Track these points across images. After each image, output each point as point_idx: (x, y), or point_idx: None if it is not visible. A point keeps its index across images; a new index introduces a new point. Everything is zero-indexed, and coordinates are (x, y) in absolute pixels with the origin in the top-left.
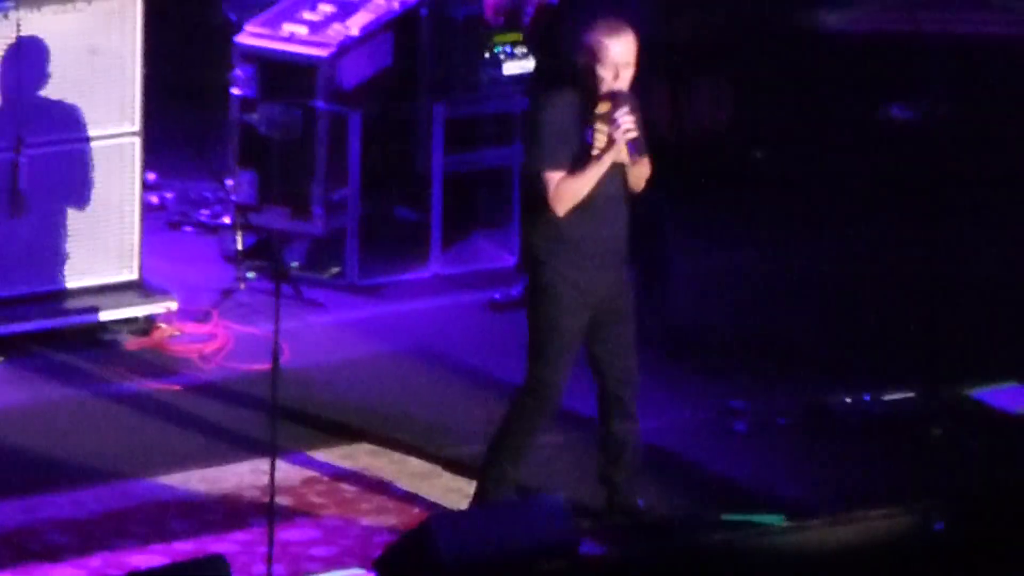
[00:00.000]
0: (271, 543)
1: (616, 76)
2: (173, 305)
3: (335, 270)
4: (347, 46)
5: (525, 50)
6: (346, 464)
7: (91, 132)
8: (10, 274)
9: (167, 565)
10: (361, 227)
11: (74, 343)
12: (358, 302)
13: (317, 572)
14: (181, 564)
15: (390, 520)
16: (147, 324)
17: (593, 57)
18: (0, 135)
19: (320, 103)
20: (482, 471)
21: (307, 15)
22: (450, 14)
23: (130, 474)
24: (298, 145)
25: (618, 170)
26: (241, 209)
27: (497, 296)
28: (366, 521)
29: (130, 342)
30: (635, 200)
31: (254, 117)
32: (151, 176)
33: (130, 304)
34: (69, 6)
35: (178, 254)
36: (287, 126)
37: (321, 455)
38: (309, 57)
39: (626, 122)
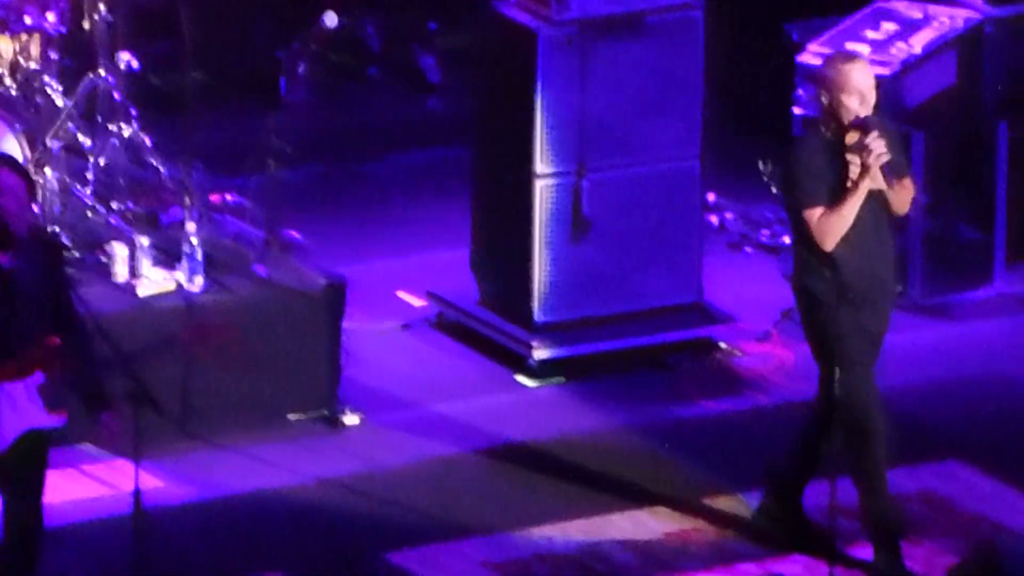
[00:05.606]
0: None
1: (862, 102)
2: (733, 326)
3: (898, 289)
4: (910, 64)
5: None
6: (922, 483)
7: (653, 155)
8: (572, 297)
9: None
10: (924, 246)
11: (634, 365)
12: (921, 322)
13: None
14: None
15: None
16: (708, 345)
17: (836, 88)
18: (563, 160)
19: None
20: (869, 515)
21: (870, 34)
22: (1016, 30)
23: (690, 497)
24: None
25: (877, 198)
26: None
27: None
28: (931, 543)
29: (691, 364)
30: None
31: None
32: (710, 197)
33: (691, 325)
34: (630, 33)
35: (738, 275)
36: None
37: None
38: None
39: (877, 147)
